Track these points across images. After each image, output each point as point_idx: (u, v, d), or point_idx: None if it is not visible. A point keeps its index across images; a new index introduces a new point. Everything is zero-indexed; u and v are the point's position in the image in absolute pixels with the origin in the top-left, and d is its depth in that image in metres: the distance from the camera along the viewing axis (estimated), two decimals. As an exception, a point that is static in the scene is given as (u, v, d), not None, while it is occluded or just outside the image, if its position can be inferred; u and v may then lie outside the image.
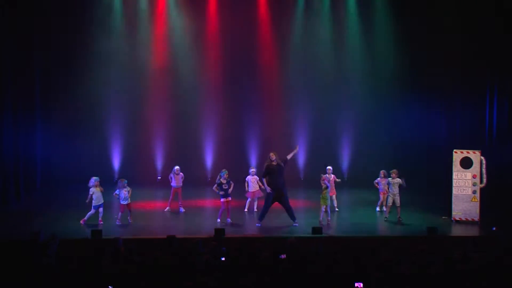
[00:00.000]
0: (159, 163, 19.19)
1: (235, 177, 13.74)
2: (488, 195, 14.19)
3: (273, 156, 12.85)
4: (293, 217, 13.00)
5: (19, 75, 16.01)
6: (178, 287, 7.40)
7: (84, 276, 7.76)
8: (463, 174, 13.73)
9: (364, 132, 19.39)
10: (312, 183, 14.61)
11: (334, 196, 14.43)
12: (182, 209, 14.50)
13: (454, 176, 13.77)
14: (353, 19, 19.43)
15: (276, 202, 13.00)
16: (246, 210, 14.49)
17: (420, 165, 18.23)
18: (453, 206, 13.73)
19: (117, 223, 12.95)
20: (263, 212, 12.99)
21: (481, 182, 13.67)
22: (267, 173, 12.84)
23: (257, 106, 19.35)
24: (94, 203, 12.83)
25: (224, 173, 13.23)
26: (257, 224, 12.97)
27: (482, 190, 13.70)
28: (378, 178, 14.43)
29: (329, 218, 13.22)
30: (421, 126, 18.89)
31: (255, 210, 14.38)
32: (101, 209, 12.91)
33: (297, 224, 12.90)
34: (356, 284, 7.52)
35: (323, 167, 14.45)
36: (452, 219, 13.70)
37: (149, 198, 16.23)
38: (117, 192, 13.07)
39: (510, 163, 15.23)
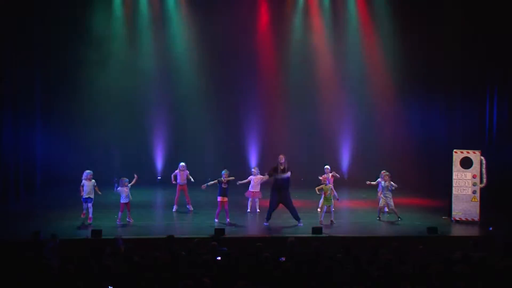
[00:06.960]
0: (159, 163, 19.19)
1: (235, 178, 13.70)
2: (488, 195, 14.18)
3: (282, 158, 13.01)
4: (297, 218, 13.02)
5: (19, 75, 16.00)
6: (177, 287, 7.39)
7: (84, 276, 7.76)
8: (463, 174, 13.72)
9: (364, 132, 19.36)
10: (312, 183, 14.58)
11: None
12: (190, 207, 14.45)
13: (454, 176, 13.76)
14: (353, 19, 19.43)
15: (281, 205, 13.06)
16: (249, 210, 14.48)
17: (420, 165, 18.21)
18: (453, 206, 13.72)
19: (117, 222, 12.94)
20: (269, 212, 13.03)
21: (481, 182, 13.66)
22: (272, 170, 13.05)
23: (258, 107, 19.33)
24: (83, 195, 12.83)
25: (224, 173, 13.24)
26: (264, 223, 12.98)
27: (482, 190, 13.70)
28: (379, 179, 14.20)
29: (332, 218, 13.18)
30: (421, 126, 18.88)
31: (258, 210, 14.37)
32: (90, 204, 12.81)
33: (301, 225, 12.90)
34: None
35: (322, 167, 14.43)
36: (452, 219, 13.69)
37: (149, 198, 16.20)
38: (118, 189, 13.10)
39: (510, 163, 15.22)
